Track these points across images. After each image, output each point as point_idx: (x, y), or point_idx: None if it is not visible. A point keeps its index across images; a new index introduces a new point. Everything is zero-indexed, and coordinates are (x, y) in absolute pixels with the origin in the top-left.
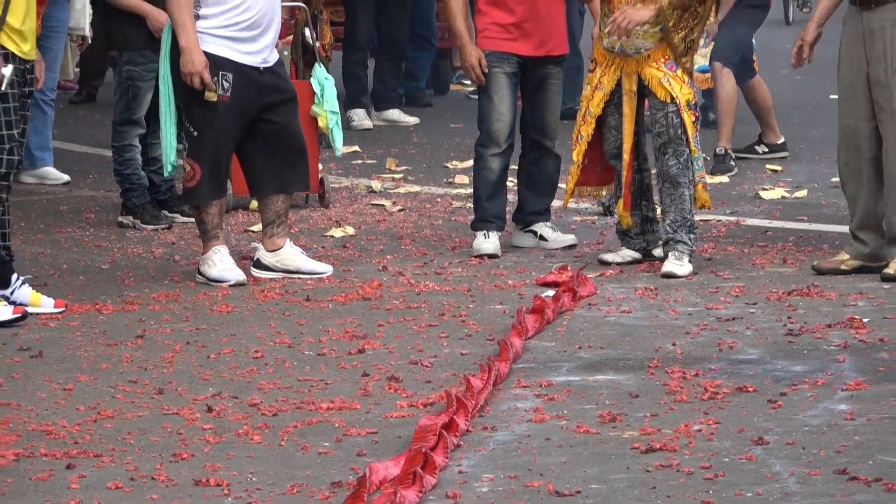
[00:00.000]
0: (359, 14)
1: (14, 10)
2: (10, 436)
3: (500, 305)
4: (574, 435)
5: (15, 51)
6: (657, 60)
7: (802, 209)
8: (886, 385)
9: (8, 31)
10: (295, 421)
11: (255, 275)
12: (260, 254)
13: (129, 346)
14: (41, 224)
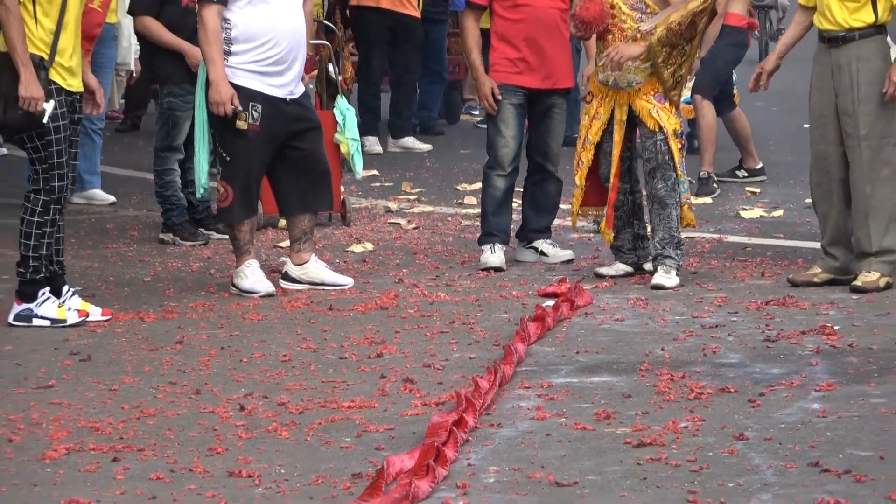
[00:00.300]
0: (371, 53)
1: (61, 48)
2: (62, 432)
3: (505, 314)
4: (572, 431)
5: (63, 85)
6: (647, 93)
7: (779, 227)
8: (855, 386)
9: (56, 68)
10: (319, 418)
11: (284, 286)
12: (288, 267)
13: (169, 350)
14: (89, 241)
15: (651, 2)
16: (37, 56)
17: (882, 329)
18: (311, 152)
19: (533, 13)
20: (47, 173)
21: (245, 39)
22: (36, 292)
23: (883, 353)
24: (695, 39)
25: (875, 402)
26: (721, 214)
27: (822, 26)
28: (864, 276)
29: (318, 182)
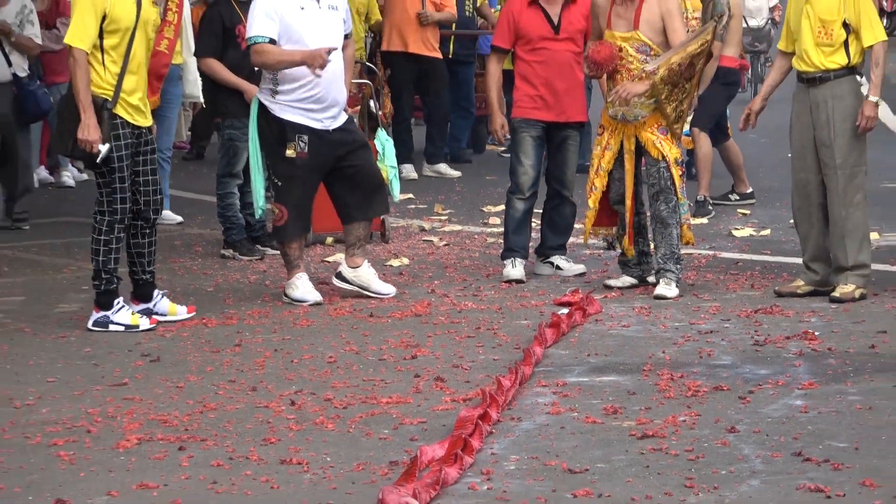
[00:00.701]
0: (401, 92)
1: (128, 89)
2: (134, 424)
3: (524, 321)
4: (583, 424)
5: (128, 119)
6: (651, 126)
7: (766, 245)
8: (833, 385)
9: (123, 104)
10: (361, 412)
11: (336, 284)
12: (342, 268)
13: (228, 352)
14: (160, 255)
15: (654, 45)
16: (101, 98)
17: (857, 335)
18: (363, 167)
19: (550, 56)
20: (110, 196)
21: (289, 81)
22: (111, 301)
23: (858, 356)
24: (693, 78)
25: (851, 400)
26: (716, 233)
27: (801, 68)
28: (842, 288)
29: (374, 192)
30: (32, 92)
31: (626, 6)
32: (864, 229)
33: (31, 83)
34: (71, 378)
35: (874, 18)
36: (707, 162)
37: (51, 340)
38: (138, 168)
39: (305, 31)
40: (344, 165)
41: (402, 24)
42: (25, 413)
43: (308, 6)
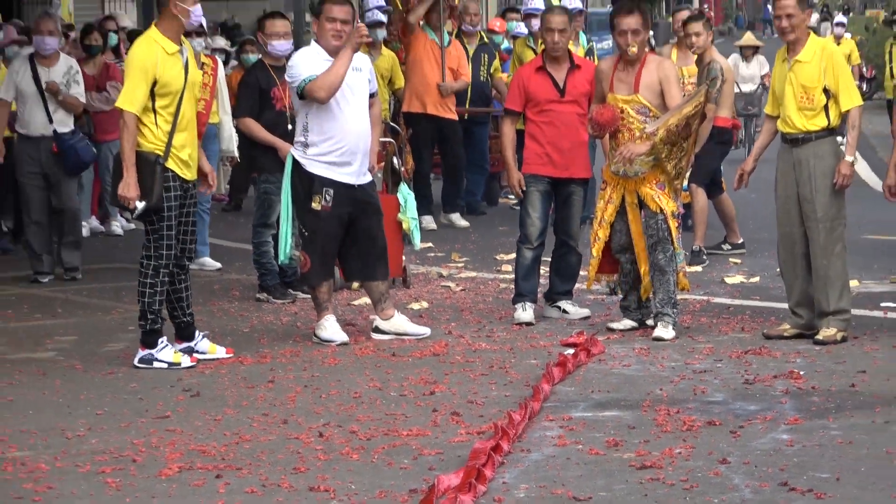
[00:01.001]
0: (421, 150)
1: (178, 144)
2: (176, 453)
3: (534, 360)
4: (588, 455)
5: (179, 172)
6: (650, 182)
7: (756, 291)
8: (817, 421)
9: (174, 159)
10: (383, 444)
11: (375, 338)
12: (378, 322)
13: (262, 388)
14: (200, 298)
15: (653, 107)
16: (153, 154)
17: (839, 374)
18: (369, 230)
19: (556, 117)
20: (158, 243)
21: (318, 136)
22: (156, 340)
23: (839, 394)
24: (690, 138)
25: (833, 434)
26: (709, 280)
27: (785, 130)
28: (825, 332)
29: (377, 256)
30: (72, 145)
31: (627, 71)
32: (844, 277)
33: (73, 137)
34: (118, 411)
35: (851, 85)
36: (703, 215)
37: (100, 376)
38: (181, 218)
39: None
40: (355, 224)
41: (422, 88)
42: (76, 443)
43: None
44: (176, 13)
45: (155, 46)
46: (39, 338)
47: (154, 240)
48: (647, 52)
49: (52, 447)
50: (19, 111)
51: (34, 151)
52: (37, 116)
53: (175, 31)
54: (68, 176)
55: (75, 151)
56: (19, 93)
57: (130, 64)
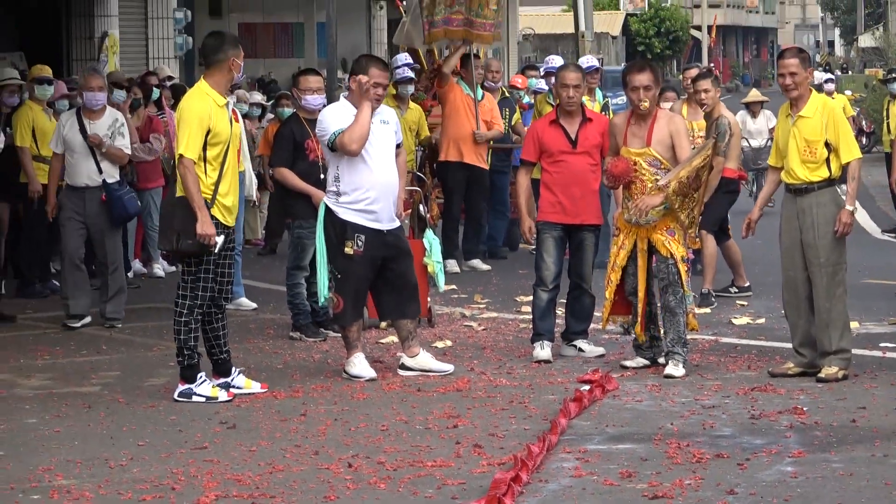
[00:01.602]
0: (453, 197)
1: (222, 191)
2: (213, 482)
3: (551, 396)
4: (602, 486)
5: (223, 220)
6: (661, 229)
7: (762, 332)
8: (820, 454)
9: (218, 206)
10: (409, 474)
11: (402, 374)
12: (404, 360)
13: (295, 421)
14: (236, 337)
15: (664, 160)
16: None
17: (840, 410)
18: (403, 272)
19: (568, 167)
20: (194, 284)
21: (349, 185)
22: (194, 375)
23: (841, 429)
24: (701, 188)
25: (835, 467)
26: (717, 321)
27: (788, 181)
28: (827, 370)
29: (409, 295)
30: (119, 197)
31: (639, 126)
32: (845, 319)
33: (120, 189)
34: (159, 442)
35: (850, 139)
36: (711, 259)
37: (142, 409)
38: (220, 261)
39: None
40: (388, 267)
41: (459, 139)
42: (119, 472)
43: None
44: (233, 69)
45: (207, 98)
46: (85, 373)
47: (191, 281)
48: (657, 108)
49: (97, 476)
50: (67, 163)
51: (79, 201)
52: (83, 167)
53: (224, 84)
54: (112, 227)
55: (121, 202)
56: (67, 145)
57: (187, 114)
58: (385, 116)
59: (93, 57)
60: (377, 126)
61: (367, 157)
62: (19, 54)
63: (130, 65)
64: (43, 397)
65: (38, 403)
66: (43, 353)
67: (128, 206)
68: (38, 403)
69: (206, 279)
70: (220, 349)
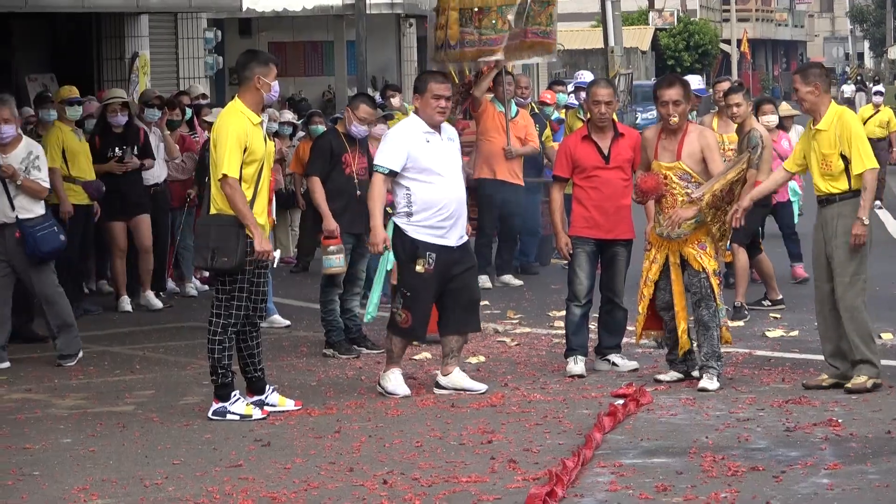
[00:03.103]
0: (484, 213)
1: (256, 211)
2: (248, 500)
3: (585, 410)
4: (638, 500)
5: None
6: (693, 243)
7: (795, 344)
8: (856, 466)
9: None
10: (444, 490)
11: (437, 392)
12: (439, 378)
13: (329, 438)
14: (270, 354)
15: (695, 174)
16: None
17: (875, 422)
18: (469, 286)
19: (601, 182)
20: (228, 303)
21: (423, 207)
22: (228, 394)
23: (876, 441)
24: (734, 202)
25: (871, 478)
26: (751, 334)
27: (816, 193)
28: (855, 380)
29: (471, 310)
30: (31, 234)
31: (670, 140)
32: (868, 328)
33: (39, 225)
34: (193, 460)
35: (864, 149)
36: (744, 272)
37: (176, 428)
38: (254, 279)
39: (432, 161)
40: (455, 280)
41: (492, 156)
42: (154, 491)
43: (432, 139)
44: (260, 87)
45: (242, 117)
46: (119, 392)
47: (225, 300)
48: (688, 122)
49: (132, 495)
50: None
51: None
52: None
53: (257, 103)
54: (36, 264)
55: (34, 239)
56: None
57: (224, 133)
58: (450, 134)
59: (124, 78)
60: (444, 144)
61: (439, 178)
62: (50, 76)
63: (161, 85)
64: (78, 417)
65: (72, 423)
66: (77, 372)
67: (40, 244)
68: (72, 423)
69: (241, 297)
70: (254, 367)
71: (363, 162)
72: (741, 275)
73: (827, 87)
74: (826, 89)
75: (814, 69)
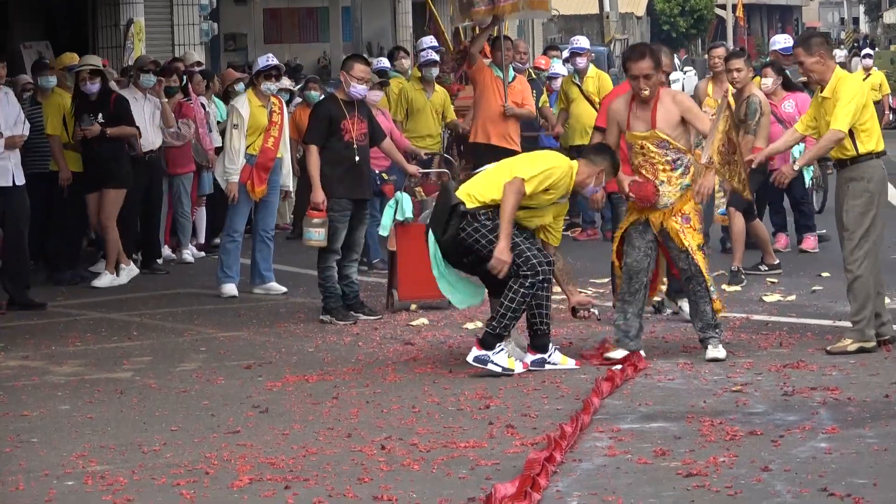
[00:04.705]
0: None
1: None
2: (246, 466)
3: (583, 375)
4: (636, 465)
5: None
6: (676, 214)
7: (792, 308)
8: (853, 430)
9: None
10: (442, 455)
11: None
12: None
13: (327, 404)
14: (267, 321)
15: (671, 139)
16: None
17: (873, 386)
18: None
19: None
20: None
21: None
22: (494, 344)
23: (874, 404)
24: (737, 150)
25: (869, 442)
26: (748, 299)
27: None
28: (839, 343)
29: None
30: None
31: (643, 109)
32: (867, 292)
33: None
34: (191, 427)
35: (845, 110)
36: (740, 237)
37: (174, 394)
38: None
39: None
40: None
41: (488, 121)
42: (152, 457)
43: None
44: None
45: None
46: (117, 359)
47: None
48: (658, 89)
49: (130, 461)
50: None
51: None
52: None
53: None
54: None
55: None
56: None
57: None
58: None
59: (119, 44)
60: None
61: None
62: (45, 43)
63: (156, 51)
64: (75, 384)
65: (70, 390)
66: (74, 339)
67: None
68: (70, 390)
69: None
70: (540, 321)
71: (362, 128)
72: (738, 239)
73: (830, 55)
74: (830, 56)
75: (815, 38)
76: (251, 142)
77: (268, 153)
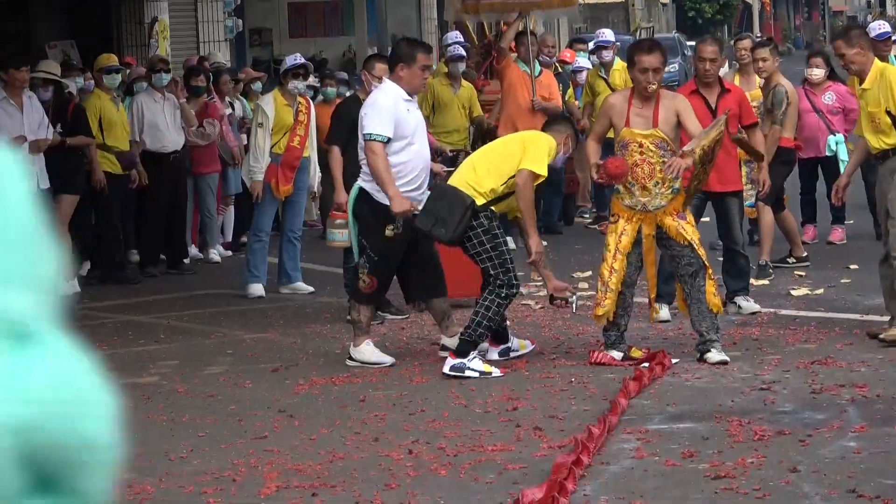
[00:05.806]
0: None
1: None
2: (274, 472)
3: (611, 375)
4: (664, 467)
5: None
6: (670, 213)
7: (821, 303)
8: (882, 428)
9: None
10: (470, 459)
11: (441, 354)
12: (444, 340)
13: (354, 407)
14: (294, 321)
15: (670, 140)
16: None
17: None
18: (430, 252)
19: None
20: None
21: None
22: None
23: None
24: (709, 164)
25: None
26: (776, 293)
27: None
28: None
29: (439, 274)
30: None
31: (644, 106)
32: None
33: None
34: (218, 433)
35: None
36: (769, 230)
37: (201, 399)
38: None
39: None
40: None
41: (516, 115)
42: (179, 464)
43: (412, 108)
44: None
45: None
46: (143, 363)
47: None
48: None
49: (157, 468)
50: None
51: None
52: None
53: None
54: None
55: None
56: None
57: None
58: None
59: (143, 42)
60: (416, 111)
61: (412, 145)
62: (70, 42)
63: (181, 49)
64: None
65: None
66: (101, 343)
67: None
68: None
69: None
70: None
71: None
72: (767, 233)
73: (870, 46)
74: (869, 47)
75: (854, 30)
76: (276, 140)
77: (293, 152)
